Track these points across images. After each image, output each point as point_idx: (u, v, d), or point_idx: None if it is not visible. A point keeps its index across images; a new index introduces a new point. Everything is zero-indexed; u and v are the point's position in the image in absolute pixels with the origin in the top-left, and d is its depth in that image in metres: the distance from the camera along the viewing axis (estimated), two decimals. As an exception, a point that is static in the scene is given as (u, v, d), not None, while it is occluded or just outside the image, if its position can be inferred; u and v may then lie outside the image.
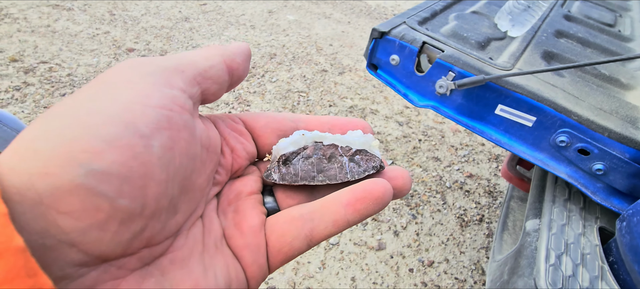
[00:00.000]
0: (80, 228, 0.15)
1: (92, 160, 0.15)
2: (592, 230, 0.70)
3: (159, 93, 0.19)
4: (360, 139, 0.26)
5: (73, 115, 0.16)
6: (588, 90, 0.77)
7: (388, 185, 0.23)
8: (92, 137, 0.16)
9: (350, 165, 0.25)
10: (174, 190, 0.19)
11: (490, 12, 1.04)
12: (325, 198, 0.24)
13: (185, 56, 0.22)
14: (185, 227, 0.21)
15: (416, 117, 2.29)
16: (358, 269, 1.44)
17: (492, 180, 1.95)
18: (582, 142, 0.68)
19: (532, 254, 0.65)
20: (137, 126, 0.17)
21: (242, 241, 0.22)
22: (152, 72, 0.19)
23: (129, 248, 0.17)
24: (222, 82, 0.23)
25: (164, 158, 0.18)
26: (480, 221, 1.72)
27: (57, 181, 0.15)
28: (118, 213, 0.16)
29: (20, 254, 0.13)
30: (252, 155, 0.26)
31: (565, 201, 0.75)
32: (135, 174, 0.17)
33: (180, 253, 0.20)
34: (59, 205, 0.15)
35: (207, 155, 0.22)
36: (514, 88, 0.71)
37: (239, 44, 0.25)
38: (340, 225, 0.23)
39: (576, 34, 1.01)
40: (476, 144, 2.16)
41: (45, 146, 0.15)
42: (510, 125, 0.76)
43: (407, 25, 0.85)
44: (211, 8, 3.15)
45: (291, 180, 0.25)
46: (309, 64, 2.64)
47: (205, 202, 0.23)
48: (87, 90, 0.18)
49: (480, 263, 1.55)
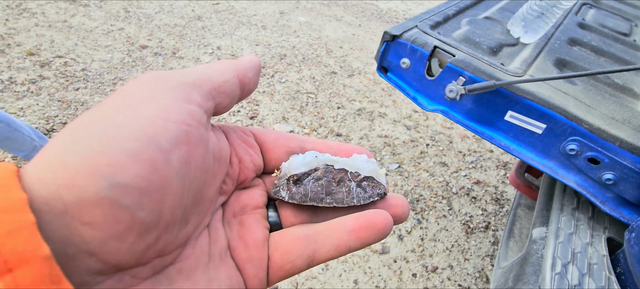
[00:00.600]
0: (101, 239, 0.16)
1: (116, 173, 0.16)
2: (600, 239, 0.69)
3: (178, 108, 0.19)
4: (368, 166, 0.27)
5: (99, 129, 0.17)
6: (600, 98, 0.76)
7: (389, 218, 0.24)
8: (117, 151, 0.17)
9: (357, 190, 0.26)
10: (188, 201, 0.20)
11: (503, 18, 1.04)
12: (330, 221, 0.25)
13: (201, 71, 0.22)
14: (193, 236, 0.22)
15: (424, 122, 2.29)
16: (361, 272, 1.44)
17: (500, 187, 1.93)
18: (593, 150, 0.68)
19: (538, 262, 0.65)
20: (159, 141, 0.18)
21: (246, 254, 0.23)
22: (172, 87, 0.20)
23: (142, 258, 0.18)
24: (234, 96, 0.24)
25: (181, 171, 0.19)
26: (486, 229, 1.71)
27: (83, 193, 0.15)
28: (136, 224, 0.17)
29: (46, 261, 0.13)
30: (258, 167, 0.27)
31: (573, 210, 0.74)
32: (154, 187, 0.17)
33: (188, 263, 0.21)
34: (83, 215, 0.15)
35: (218, 167, 0.23)
36: (524, 94, 0.71)
37: (250, 58, 0.26)
38: (342, 249, 0.24)
39: (590, 42, 1.00)
40: (484, 151, 2.15)
41: (73, 159, 0.16)
42: (519, 131, 0.75)
43: (419, 29, 0.86)
44: (224, 7, 3.19)
45: (300, 200, 0.25)
46: (319, 66, 2.65)
47: (212, 212, 0.24)
48: (111, 102, 0.19)
49: (485, 270, 1.54)
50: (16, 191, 0.14)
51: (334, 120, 2.18)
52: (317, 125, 2.12)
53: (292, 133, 0.31)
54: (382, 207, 0.26)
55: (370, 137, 2.10)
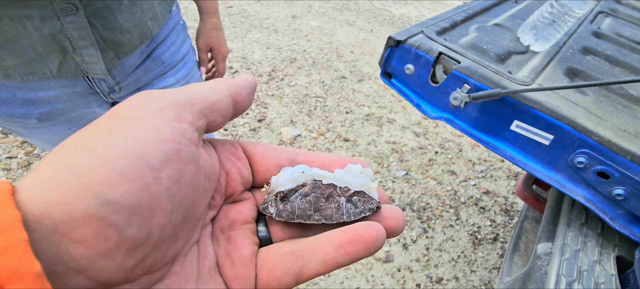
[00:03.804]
0: (89, 256, 0.16)
1: (106, 191, 0.16)
2: (609, 258, 0.66)
3: (169, 127, 0.20)
4: (359, 181, 0.26)
5: (91, 148, 0.17)
6: (612, 110, 0.73)
7: (381, 230, 0.23)
8: (107, 169, 0.17)
9: (347, 205, 0.25)
10: (178, 219, 0.20)
11: (514, 25, 1.01)
12: (317, 236, 0.24)
13: (194, 89, 0.23)
14: (182, 253, 0.22)
15: (434, 129, 2.25)
16: (363, 280, 1.42)
17: (510, 198, 1.88)
18: (602, 164, 0.65)
19: (541, 279, 0.62)
20: (149, 159, 0.18)
21: (233, 272, 0.23)
22: (163, 107, 0.20)
23: (131, 275, 0.18)
24: (226, 114, 0.24)
25: (171, 189, 0.19)
26: (494, 240, 1.66)
27: (73, 211, 0.16)
28: (125, 242, 0.17)
29: (38, 278, 0.14)
30: (247, 180, 0.27)
31: (581, 226, 0.71)
32: (144, 205, 0.18)
33: (177, 280, 0.21)
34: (72, 233, 0.16)
35: (209, 184, 0.23)
36: (531, 104, 0.69)
37: (245, 76, 0.26)
38: (329, 265, 0.23)
39: (605, 51, 0.96)
40: (495, 160, 2.10)
41: (64, 177, 0.16)
42: (526, 142, 0.73)
43: (424, 34, 0.84)
44: (236, 11, 3.22)
45: (287, 218, 0.25)
46: (329, 70, 2.64)
47: (202, 227, 0.24)
48: (103, 123, 0.19)
49: (492, 283, 1.49)
50: (10, 209, 0.15)
51: (342, 124, 2.17)
52: (324, 129, 2.11)
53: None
54: (375, 220, 0.25)
55: (378, 143, 2.08)
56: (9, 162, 1.59)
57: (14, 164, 1.58)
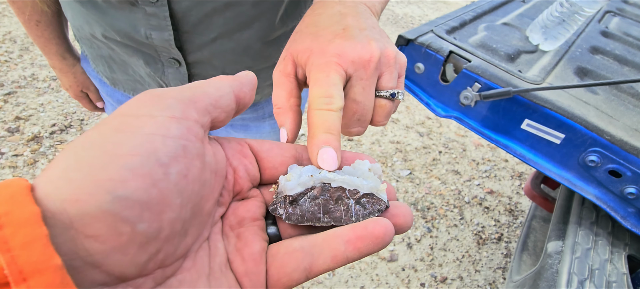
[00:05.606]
0: (104, 251, 0.16)
1: (117, 187, 0.17)
2: (620, 257, 0.66)
3: (176, 124, 0.20)
4: (368, 183, 0.26)
5: (101, 146, 0.18)
6: (623, 109, 0.73)
7: (390, 226, 0.24)
8: (118, 166, 0.17)
9: (356, 208, 0.25)
10: (186, 214, 0.20)
11: (522, 24, 1.01)
12: (327, 232, 0.24)
13: (198, 87, 0.23)
14: (193, 249, 0.22)
15: (438, 128, 2.25)
16: (368, 279, 1.42)
17: (514, 198, 1.88)
18: (614, 163, 0.65)
19: (553, 277, 0.62)
20: (158, 155, 0.19)
21: (243, 268, 0.23)
22: (169, 105, 0.21)
23: (144, 269, 0.18)
24: (229, 110, 0.25)
25: (180, 184, 0.19)
26: (498, 240, 1.66)
27: (87, 207, 0.16)
28: (137, 236, 0.17)
29: (58, 271, 0.14)
30: (254, 177, 0.27)
31: (591, 225, 0.71)
32: (154, 200, 0.18)
33: (189, 275, 0.21)
34: (87, 229, 0.16)
35: (215, 180, 0.23)
36: (542, 102, 0.69)
37: (247, 74, 0.27)
38: (339, 261, 0.23)
39: (613, 51, 0.96)
40: (499, 160, 2.10)
41: (76, 175, 0.17)
42: (536, 140, 0.73)
43: (434, 33, 0.84)
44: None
45: (297, 221, 0.25)
46: (332, 69, 2.64)
47: (211, 224, 0.24)
48: (111, 122, 0.20)
49: (496, 283, 1.49)
50: (30, 205, 0.15)
51: (345, 123, 2.16)
52: (328, 128, 2.11)
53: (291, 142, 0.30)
54: (384, 217, 0.26)
55: (382, 142, 2.08)
56: (15, 160, 1.59)
57: (20, 162, 1.59)
